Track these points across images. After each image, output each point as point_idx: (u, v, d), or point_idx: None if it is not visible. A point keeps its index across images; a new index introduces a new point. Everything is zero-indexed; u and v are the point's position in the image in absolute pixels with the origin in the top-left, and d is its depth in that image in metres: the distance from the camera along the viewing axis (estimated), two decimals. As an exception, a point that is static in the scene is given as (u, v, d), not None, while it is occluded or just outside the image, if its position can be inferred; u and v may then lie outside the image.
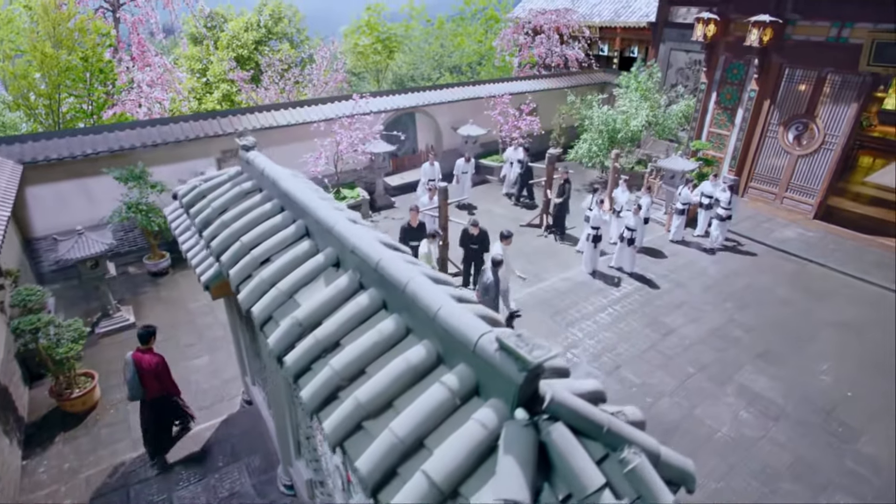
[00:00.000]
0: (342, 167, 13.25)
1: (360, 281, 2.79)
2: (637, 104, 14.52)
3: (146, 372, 5.83)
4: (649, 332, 8.88)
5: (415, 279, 2.41)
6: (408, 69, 25.19)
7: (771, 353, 8.44)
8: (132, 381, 5.78)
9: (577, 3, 20.16)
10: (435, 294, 2.30)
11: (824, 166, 12.42)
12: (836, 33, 11.37)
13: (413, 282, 2.40)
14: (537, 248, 11.96)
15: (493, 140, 15.69)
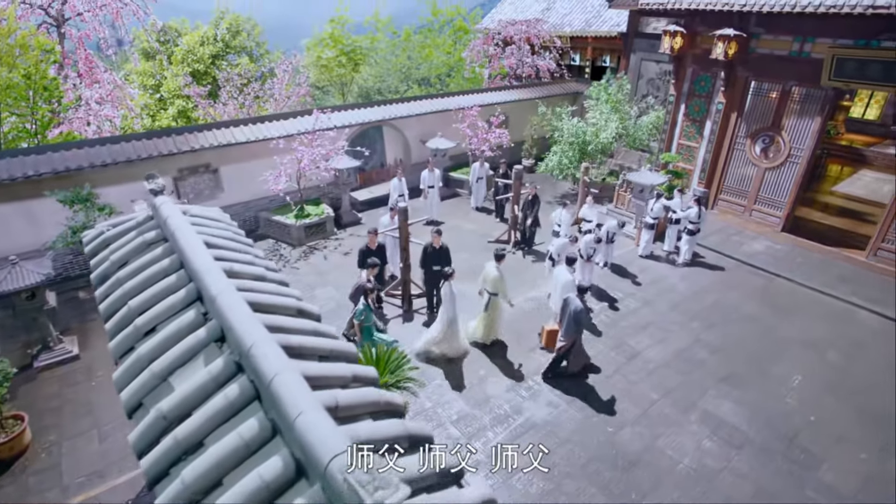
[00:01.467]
0: (305, 184, 12.91)
1: (239, 363, 2.49)
2: (607, 116, 14.40)
3: None
4: (615, 354, 8.68)
5: (281, 375, 2.12)
6: (374, 82, 24.81)
7: (736, 375, 8.29)
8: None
9: (548, 13, 20.07)
10: (297, 397, 2.01)
11: (791, 179, 12.39)
12: (799, 48, 11.35)
13: (278, 378, 2.10)
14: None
15: (465, 153, 15.45)
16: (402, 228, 9.63)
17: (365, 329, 7.81)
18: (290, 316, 3.12)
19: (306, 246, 12.72)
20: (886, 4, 9.14)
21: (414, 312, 10.05)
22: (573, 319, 7.57)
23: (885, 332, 9.45)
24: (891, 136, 18.61)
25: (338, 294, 10.64)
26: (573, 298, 7.61)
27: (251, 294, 2.94)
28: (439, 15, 26.59)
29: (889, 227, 11.01)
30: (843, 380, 8.27)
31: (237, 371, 2.45)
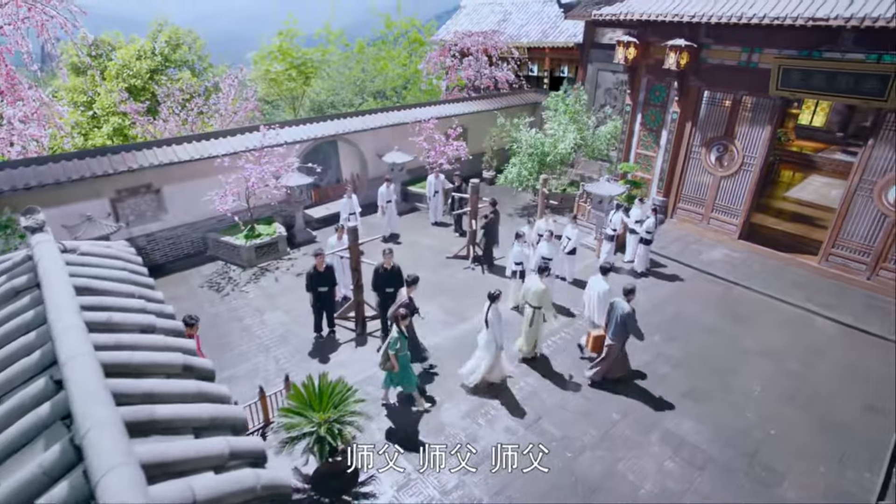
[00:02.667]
0: (255, 203, 12.34)
1: (79, 448, 2.04)
2: (565, 127, 14.32)
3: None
4: (576, 373, 8.41)
5: (110, 474, 1.68)
6: (327, 95, 24.28)
7: (697, 389, 8.12)
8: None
9: (504, 24, 20.05)
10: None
11: (745, 186, 12.49)
12: (747, 58, 11.48)
13: (105, 480, 1.67)
14: (462, 281, 11.39)
15: (423, 166, 15.13)
16: (351, 248, 9.20)
17: (401, 359, 7.22)
18: (174, 375, 2.68)
19: (257, 267, 12.13)
20: (825, 16, 9.27)
21: (368, 336, 9.59)
22: (621, 323, 7.59)
23: (840, 338, 9.49)
24: (836, 143, 19.18)
25: (288, 318, 10.12)
26: (620, 303, 7.63)
27: (119, 354, 2.49)
28: (393, 27, 26.27)
29: (838, 233, 11.16)
30: (802, 389, 8.21)
31: (75, 462, 2.00)
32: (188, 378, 2.70)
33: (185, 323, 6.37)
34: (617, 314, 7.62)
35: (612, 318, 7.73)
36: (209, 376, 2.86)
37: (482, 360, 7.86)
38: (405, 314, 7.18)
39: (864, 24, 8.91)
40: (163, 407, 2.22)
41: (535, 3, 20.04)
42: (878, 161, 10.37)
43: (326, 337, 9.53)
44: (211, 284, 11.44)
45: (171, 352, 2.81)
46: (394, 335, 7.11)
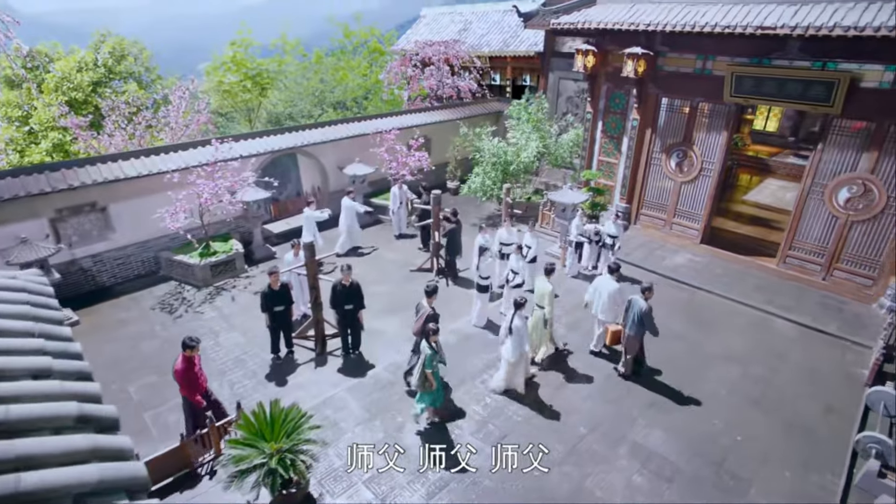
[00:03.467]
0: (210, 219, 11.84)
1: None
2: (527, 135, 14.29)
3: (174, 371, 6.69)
4: (543, 386, 8.23)
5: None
6: (284, 107, 23.73)
7: (664, 399, 8.05)
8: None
9: (465, 33, 20.05)
10: None
11: (705, 191, 12.65)
12: (702, 66, 11.66)
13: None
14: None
15: (386, 178, 14.85)
16: (308, 265, 8.86)
17: (435, 376, 7.06)
18: (67, 429, 2.34)
19: (213, 287, 11.60)
20: (772, 25, 9.47)
21: (328, 355, 9.22)
22: (639, 319, 7.95)
23: (800, 339, 9.60)
24: (789, 147, 19.81)
25: (244, 340, 9.66)
26: (637, 300, 8.01)
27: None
28: (352, 36, 25.94)
29: (794, 235, 11.38)
30: (766, 392, 8.23)
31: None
32: (84, 430, 2.37)
33: (184, 345, 6.68)
34: (634, 311, 8.00)
35: (630, 314, 8.12)
36: (111, 426, 2.52)
37: (503, 366, 8.00)
38: (436, 328, 7.00)
39: (808, 32, 9.13)
40: (31, 475, 1.89)
41: (495, 12, 20.13)
42: (827, 164, 10.62)
43: (284, 358, 9.12)
44: (163, 306, 10.88)
45: (66, 400, 2.47)
46: (427, 353, 6.90)
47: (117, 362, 8.97)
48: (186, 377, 6.72)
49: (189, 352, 6.70)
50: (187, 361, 6.71)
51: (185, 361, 6.69)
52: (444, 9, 22.29)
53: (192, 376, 6.77)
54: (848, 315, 10.24)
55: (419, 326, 7.55)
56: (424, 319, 7.47)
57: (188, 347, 6.68)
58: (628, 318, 8.18)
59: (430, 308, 7.68)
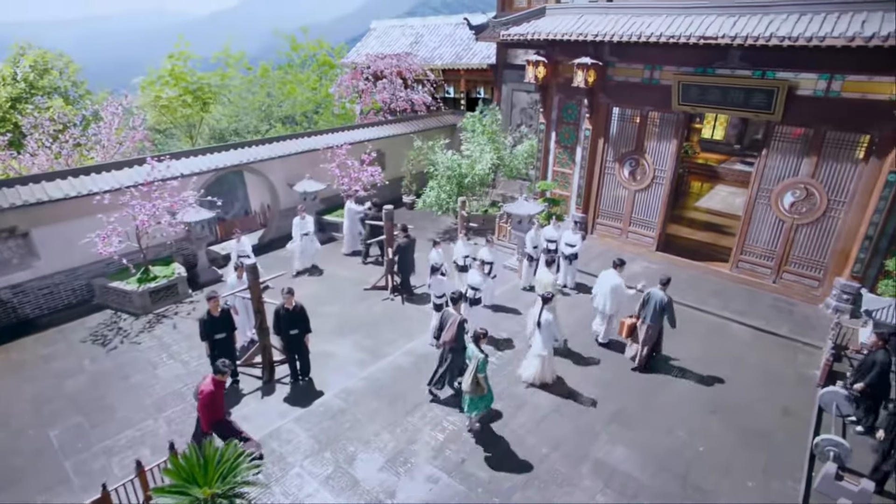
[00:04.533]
0: (149, 242, 11.11)
1: None
2: (482, 147, 14.16)
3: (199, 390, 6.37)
4: (500, 406, 7.91)
5: None
6: (229, 122, 22.91)
7: (626, 411, 7.86)
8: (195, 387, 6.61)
9: (417, 46, 19.92)
10: None
11: (658, 199, 12.76)
12: (650, 75, 11.81)
13: None
14: (380, 315, 10.71)
15: (340, 194, 14.40)
16: (252, 288, 8.33)
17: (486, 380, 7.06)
18: None
19: (153, 314, 10.84)
20: (713, 35, 9.65)
21: (276, 383, 8.67)
22: (659, 309, 8.34)
23: (754, 343, 9.67)
24: (735, 154, 20.48)
25: (185, 371, 9.00)
26: (656, 292, 8.41)
27: None
28: (300, 49, 25.36)
29: (744, 240, 11.57)
30: (725, 398, 8.18)
31: None
32: None
33: (216, 370, 6.39)
34: (655, 302, 8.36)
35: (648, 306, 8.47)
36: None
37: (535, 360, 8.18)
38: (485, 332, 7.07)
39: (747, 42, 9.34)
40: None
41: (447, 25, 20.11)
42: (772, 170, 10.86)
43: (229, 388, 8.49)
44: (96, 337, 10.05)
45: None
46: (480, 357, 6.86)
47: (37, 403, 8.15)
48: (211, 401, 6.37)
49: (221, 376, 6.43)
50: (217, 385, 6.39)
51: (216, 385, 6.38)
52: (394, 21, 22.12)
53: (217, 401, 6.44)
54: (798, 317, 10.41)
55: (453, 334, 7.58)
56: (458, 326, 7.58)
57: (220, 372, 6.40)
58: (647, 310, 8.47)
59: (459, 315, 7.72)
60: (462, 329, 7.66)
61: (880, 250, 9.84)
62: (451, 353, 7.72)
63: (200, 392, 6.36)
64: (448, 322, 7.69)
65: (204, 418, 6.48)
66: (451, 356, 7.73)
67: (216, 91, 22.31)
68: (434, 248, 9.95)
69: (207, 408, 6.39)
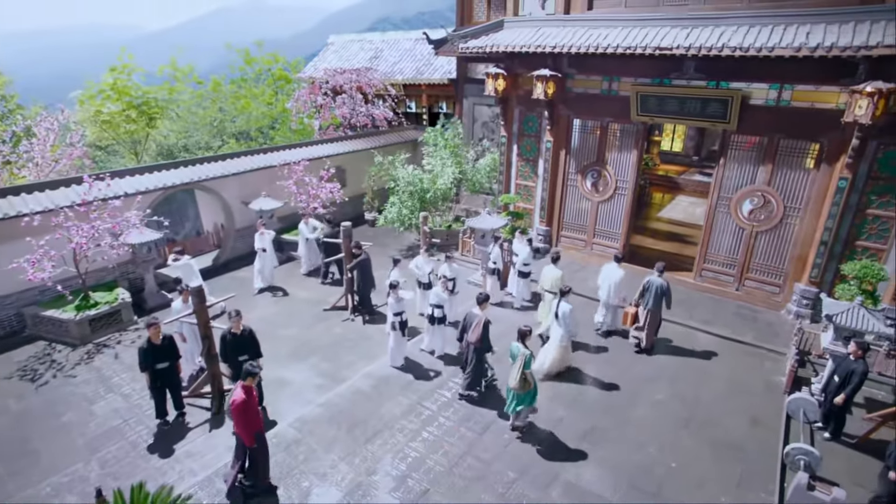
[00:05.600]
0: (89, 266, 10.35)
1: None
2: (444, 161, 13.93)
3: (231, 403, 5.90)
4: (465, 430, 7.52)
5: None
6: (178, 138, 22.09)
7: (596, 430, 7.57)
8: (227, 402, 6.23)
9: (377, 61, 19.71)
10: None
11: (621, 210, 12.75)
12: (608, 87, 11.86)
13: None
14: (340, 336, 10.21)
15: (296, 212, 13.88)
16: (198, 313, 7.76)
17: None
18: None
19: (92, 344, 10.05)
20: (668, 46, 9.73)
21: (226, 414, 8.04)
22: (660, 294, 9.13)
23: (721, 352, 9.60)
24: (694, 165, 20.91)
25: (125, 405, 8.28)
26: (655, 279, 9.19)
27: None
28: (254, 63, 24.73)
29: (706, 248, 11.62)
30: (694, 411, 8.01)
31: None
32: None
33: (246, 373, 5.95)
34: (655, 288, 9.15)
35: (649, 293, 9.23)
36: None
37: (551, 351, 8.56)
38: (529, 329, 7.26)
39: (701, 52, 9.43)
40: None
41: (406, 40, 20.00)
42: (730, 178, 10.97)
43: (174, 422, 7.86)
44: (24, 373, 9.20)
45: None
46: (526, 353, 7.01)
47: (-51, 451, 7.31)
48: (244, 410, 5.93)
49: (250, 380, 5.97)
50: (247, 391, 5.95)
51: (245, 391, 5.93)
52: (352, 36, 21.86)
53: (251, 410, 6.00)
54: (761, 323, 10.43)
55: (478, 335, 7.68)
56: (483, 326, 7.70)
57: (250, 375, 5.96)
58: (647, 297, 9.23)
59: (483, 315, 7.79)
60: (487, 329, 7.74)
61: (835, 255, 9.99)
62: (475, 354, 7.83)
63: (232, 404, 5.89)
64: (473, 323, 7.78)
65: (244, 433, 6.02)
66: (477, 357, 7.85)
67: (163, 106, 21.44)
68: (395, 265, 9.57)
69: (243, 419, 5.95)
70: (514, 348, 7.13)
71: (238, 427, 6.04)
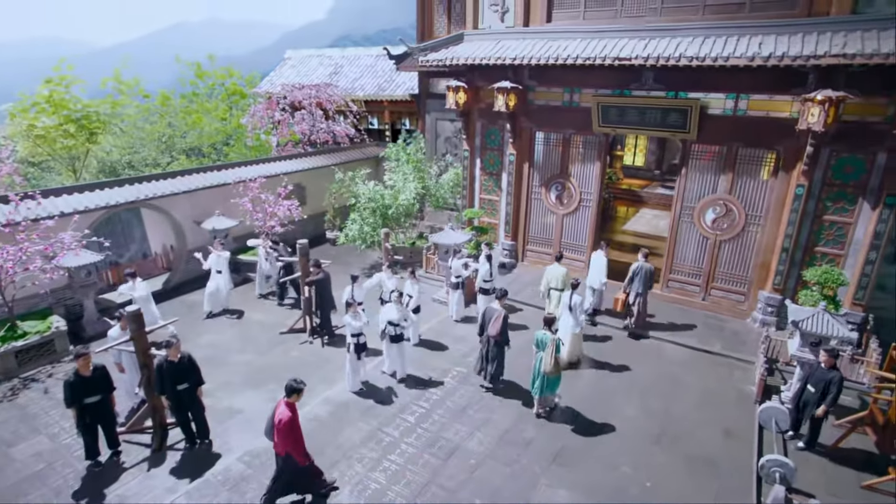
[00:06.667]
0: (18, 293, 9.49)
1: None
2: (406, 176, 13.60)
3: (274, 422, 5.66)
4: (429, 457, 7.02)
5: None
6: (122, 154, 21.09)
7: (567, 449, 7.20)
8: (268, 423, 5.83)
9: (337, 77, 19.38)
10: None
11: (586, 222, 12.64)
12: (569, 98, 11.82)
13: None
14: (297, 360, 9.60)
15: (252, 231, 13.24)
16: (136, 339, 7.10)
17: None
18: None
19: (18, 379, 9.14)
20: (628, 56, 9.73)
21: (169, 450, 7.33)
22: (648, 277, 9.88)
23: (691, 363, 9.43)
24: (656, 179, 21.24)
25: (51, 446, 7.46)
26: (643, 264, 9.91)
27: None
28: (206, 77, 24.00)
29: (672, 259, 11.56)
30: (667, 426, 7.74)
31: None
32: None
33: (291, 389, 5.77)
34: (644, 272, 9.83)
35: (637, 278, 9.90)
36: None
37: (567, 342, 8.86)
38: (553, 317, 7.92)
39: (659, 62, 9.46)
40: None
41: (367, 56, 19.79)
42: (692, 188, 10.98)
43: (107, 463, 7.09)
44: (-64, 414, 8.24)
45: None
46: (557, 339, 7.51)
47: None
48: (292, 428, 5.71)
49: (295, 396, 5.80)
50: (292, 409, 5.75)
51: (290, 408, 5.74)
52: (311, 51, 21.49)
53: (297, 427, 5.80)
54: (728, 332, 10.35)
55: (498, 328, 7.96)
56: (503, 320, 7.99)
57: (295, 392, 5.78)
58: (636, 282, 9.91)
59: (503, 310, 8.08)
60: (507, 323, 8.07)
61: (796, 262, 10.03)
62: (496, 347, 8.16)
63: (278, 423, 5.61)
64: (493, 317, 8.07)
65: (296, 451, 5.80)
66: (498, 349, 8.18)
67: (106, 120, 20.34)
68: (352, 283, 9.09)
69: (292, 437, 5.73)
70: (542, 336, 7.52)
71: (288, 446, 5.77)
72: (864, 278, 9.42)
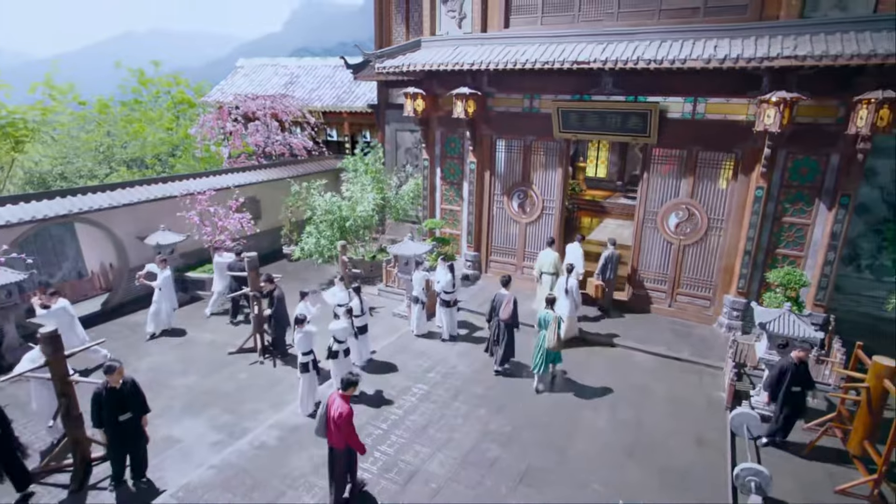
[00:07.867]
0: (-76, 317, 8.48)
1: None
2: (365, 187, 13.10)
3: (329, 417, 5.64)
4: (386, 482, 6.44)
5: None
6: (53, 164, 19.85)
7: (534, 469, 6.73)
8: (319, 419, 5.80)
9: (293, 87, 18.82)
10: None
11: (550, 231, 12.38)
12: (529, 104, 11.65)
13: None
14: (244, 383, 8.87)
15: (201, 246, 12.47)
16: (51, 364, 6.31)
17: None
18: None
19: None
20: (586, 60, 9.61)
21: (91, 489, 6.50)
22: (616, 262, 10.85)
23: (660, 370, 9.19)
24: (618, 190, 21.35)
25: (-48, 491, 6.51)
26: (613, 252, 10.77)
27: None
28: (150, 84, 22.96)
29: (637, 266, 11.41)
30: (638, 438, 7.39)
31: None
32: None
33: (347, 383, 5.75)
34: (614, 258, 10.78)
35: (610, 265, 10.79)
36: None
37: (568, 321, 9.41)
38: (554, 298, 8.47)
39: (617, 66, 9.37)
40: None
41: (324, 67, 19.33)
42: (654, 193, 10.88)
43: (16, 507, 6.23)
44: None
45: None
46: (559, 316, 8.18)
47: None
48: (350, 421, 5.62)
49: (352, 389, 5.80)
50: (349, 402, 5.72)
51: (347, 400, 5.69)
52: (264, 60, 20.86)
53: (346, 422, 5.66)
54: (696, 339, 10.19)
55: (510, 312, 8.55)
56: (513, 304, 8.58)
57: (352, 384, 5.78)
58: (608, 269, 10.77)
59: (512, 294, 8.69)
60: (516, 306, 8.57)
61: (759, 264, 10.00)
62: (507, 330, 8.66)
63: (338, 418, 5.51)
64: (503, 301, 8.60)
65: (355, 443, 5.75)
66: (508, 332, 8.68)
67: (35, 128, 19.06)
68: (302, 299, 8.48)
69: (350, 429, 5.64)
70: (544, 315, 8.11)
71: (349, 439, 5.69)
72: (823, 279, 9.45)
